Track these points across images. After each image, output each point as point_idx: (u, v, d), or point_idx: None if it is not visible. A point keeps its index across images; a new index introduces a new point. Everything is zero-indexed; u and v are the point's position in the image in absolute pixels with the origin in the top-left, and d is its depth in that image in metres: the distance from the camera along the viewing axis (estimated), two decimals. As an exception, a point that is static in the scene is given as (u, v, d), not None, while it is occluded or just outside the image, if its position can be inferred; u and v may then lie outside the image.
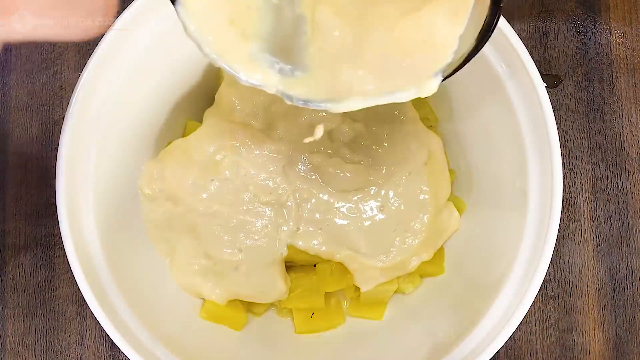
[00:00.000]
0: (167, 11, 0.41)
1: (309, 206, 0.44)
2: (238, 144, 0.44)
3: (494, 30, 0.29)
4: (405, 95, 0.31)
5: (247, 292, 0.45)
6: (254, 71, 0.30)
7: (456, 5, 0.30)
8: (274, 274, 0.44)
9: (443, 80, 0.30)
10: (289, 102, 0.31)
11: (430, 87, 0.30)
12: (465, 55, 0.30)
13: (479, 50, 0.29)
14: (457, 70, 0.30)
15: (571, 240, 0.49)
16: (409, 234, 0.45)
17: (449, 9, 0.30)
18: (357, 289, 0.45)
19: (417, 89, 0.30)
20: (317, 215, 0.44)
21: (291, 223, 0.44)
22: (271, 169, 0.44)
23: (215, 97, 0.45)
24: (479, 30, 0.29)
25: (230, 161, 0.44)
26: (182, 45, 0.43)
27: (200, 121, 0.45)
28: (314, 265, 0.46)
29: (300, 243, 0.44)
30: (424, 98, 0.39)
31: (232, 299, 0.45)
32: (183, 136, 0.46)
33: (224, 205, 0.44)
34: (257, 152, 0.44)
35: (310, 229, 0.44)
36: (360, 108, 0.31)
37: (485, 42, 0.29)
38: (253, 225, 0.44)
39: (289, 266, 0.46)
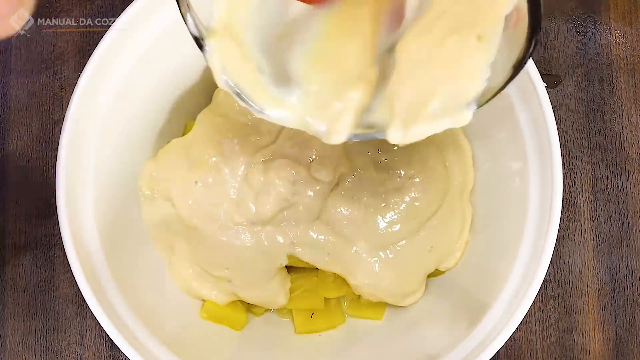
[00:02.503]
0: (167, 11, 0.41)
1: (298, 232, 0.43)
2: (222, 145, 0.43)
3: (530, 56, 0.28)
4: (440, 127, 0.30)
5: (246, 298, 0.45)
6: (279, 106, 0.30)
7: (483, 34, 0.29)
8: (272, 287, 0.44)
9: (478, 108, 0.30)
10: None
11: (464, 117, 0.30)
12: (502, 83, 0.29)
13: (516, 75, 0.28)
14: (494, 97, 0.29)
15: (571, 240, 0.49)
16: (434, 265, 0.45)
17: (476, 39, 0.29)
18: (357, 289, 0.45)
19: (451, 120, 0.30)
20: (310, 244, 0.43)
21: (282, 240, 0.43)
22: (255, 181, 0.43)
23: (213, 97, 0.45)
24: (515, 56, 0.28)
25: (213, 163, 0.43)
26: (181, 45, 0.43)
27: (200, 121, 0.45)
28: (317, 268, 0.46)
29: (299, 250, 0.44)
30: None
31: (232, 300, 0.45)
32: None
33: (202, 221, 0.43)
34: (242, 156, 0.43)
35: (300, 249, 0.43)
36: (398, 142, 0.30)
37: (523, 67, 0.28)
38: (233, 245, 0.43)
39: (290, 266, 0.46)
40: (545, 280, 0.48)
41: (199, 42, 0.29)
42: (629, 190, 0.49)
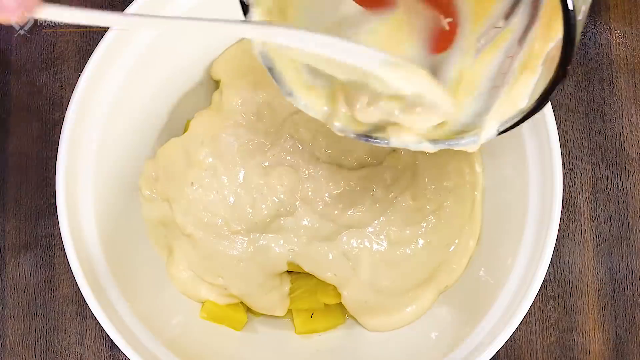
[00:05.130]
0: (168, 11, 0.41)
1: (302, 245, 0.43)
2: (220, 145, 0.42)
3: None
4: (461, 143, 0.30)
5: (244, 303, 0.45)
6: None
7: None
8: (270, 300, 0.44)
9: (499, 134, 0.29)
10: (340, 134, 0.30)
11: (484, 137, 0.29)
12: (525, 112, 0.28)
13: (536, 112, 0.27)
14: (516, 126, 0.28)
15: (571, 240, 0.49)
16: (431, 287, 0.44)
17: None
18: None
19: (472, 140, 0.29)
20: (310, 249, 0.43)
21: (281, 249, 0.43)
22: (253, 183, 0.42)
23: (212, 97, 0.45)
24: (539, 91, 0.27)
25: (209, 164, 0.42)
26: (182, 45, 0.43)
27: (200, 121, 0.45)
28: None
29: (300, 259, 0.43)
30: None
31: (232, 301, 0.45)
32: (182, 137, 0.46)
33: (197, 228, 0.42)
34: (240, 157, 0.42)
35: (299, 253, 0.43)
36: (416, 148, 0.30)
37: (544, 103, 0.27)
38: (228, 255, 0.43)
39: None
40: (545, 280, 0.48)
41: (244, 6, 0.28)
42: (629, 190, 0.49)
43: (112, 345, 0.48)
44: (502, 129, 0.28)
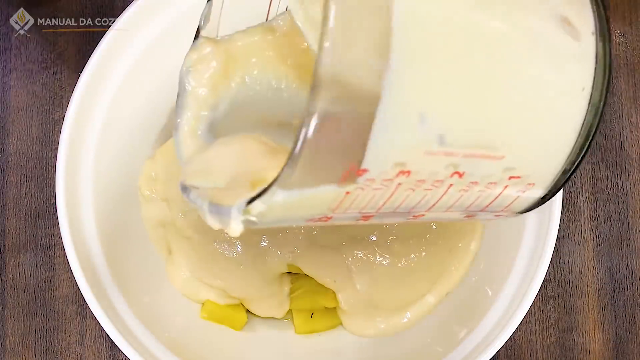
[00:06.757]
0: (167, 11, 0.41)
1: (303, 248, 0.42)
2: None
3: None
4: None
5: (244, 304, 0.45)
6: None
7: None
8: (268, 306, 0.44)
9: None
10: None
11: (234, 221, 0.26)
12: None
13: None
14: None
15: (571, 240, 0.49)
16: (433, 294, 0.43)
17: None
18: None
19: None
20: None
21: (281, 251, 0.43)
22: None
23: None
24: None
25: None
26: (182, 45, 0.43)
27: (201, 121, 0.45)
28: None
29: (301, 262, 0.43)
30: None
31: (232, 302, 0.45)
32: (183, 136, 0.46)
33: (196, 230, 0.42)
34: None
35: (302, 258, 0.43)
36: None
37: None
38: (226, 258, 0.42)
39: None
40: (545, 280, 0.48)
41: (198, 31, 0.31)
42: (629, 190, 0.49)
43: (112, 345, 0.48)
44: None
